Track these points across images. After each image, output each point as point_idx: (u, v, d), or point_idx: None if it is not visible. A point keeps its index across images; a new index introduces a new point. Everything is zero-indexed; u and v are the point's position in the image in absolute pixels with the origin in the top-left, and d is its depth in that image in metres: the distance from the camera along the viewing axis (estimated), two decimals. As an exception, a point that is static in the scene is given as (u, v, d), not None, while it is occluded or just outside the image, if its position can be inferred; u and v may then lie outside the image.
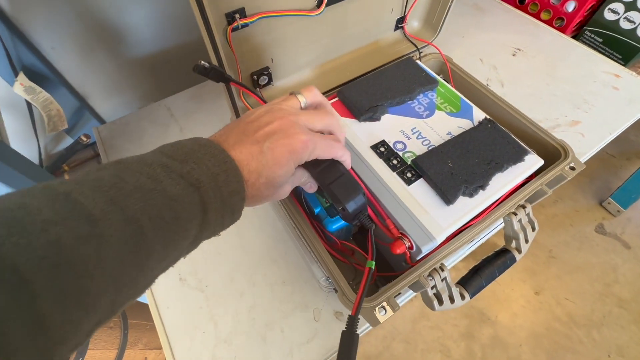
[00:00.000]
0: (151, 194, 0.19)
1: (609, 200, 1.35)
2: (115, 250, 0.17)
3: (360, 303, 0.30)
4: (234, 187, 0.23)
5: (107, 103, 0.86)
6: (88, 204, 0.17)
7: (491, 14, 0.79)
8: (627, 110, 0.62)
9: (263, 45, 0.40)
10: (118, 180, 0.19)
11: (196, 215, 0.21)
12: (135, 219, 0.18)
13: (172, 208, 0.20)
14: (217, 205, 0.22)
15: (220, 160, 0.23)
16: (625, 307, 1.17)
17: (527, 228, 0.42)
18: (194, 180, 0.21)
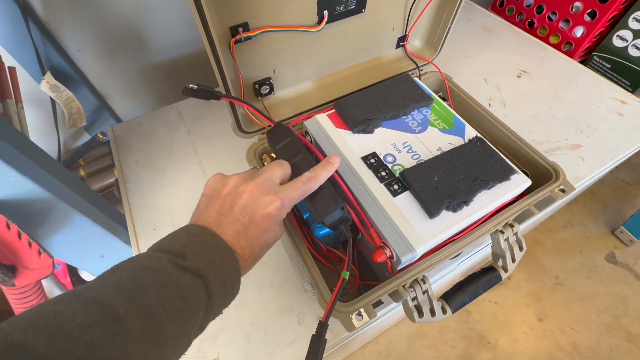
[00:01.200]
0: (164, 288, 0.22)
1: (622, 229, 1.30)
2: (138, 343, 0.19)
3: (330, 310, 0.31)
4: (230, 266, 0.26)
5: (124, 103, 0.91)
6: (113, 303, 0.19)
7: (499, 36, 0.80)
8: (631, 137, 0.61)
9: (265, 56, 0.42)
10: (135, 279, 0.22)
11: (202, 300, 0.24)
12: (153, 311, 0.20)
13: (182, 297, 0.22)
14: (218, 287, 0.25)
15: (213, 246, 0.25)
16: (635, 342, 1.11)
17: (515, 247, 0.42)
18: (195, 269, 0.24)
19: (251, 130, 0.45)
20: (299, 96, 0.49)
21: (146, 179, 0.59)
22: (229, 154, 0.61)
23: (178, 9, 0.78)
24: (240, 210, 0.27)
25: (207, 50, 0.33)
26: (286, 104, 0.48)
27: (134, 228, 0.53)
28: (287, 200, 0.28)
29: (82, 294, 0.20)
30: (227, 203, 0.28)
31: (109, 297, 0.20)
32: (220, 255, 0.25)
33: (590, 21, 0.72)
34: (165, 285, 0.22)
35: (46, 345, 0.16)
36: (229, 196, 0.28)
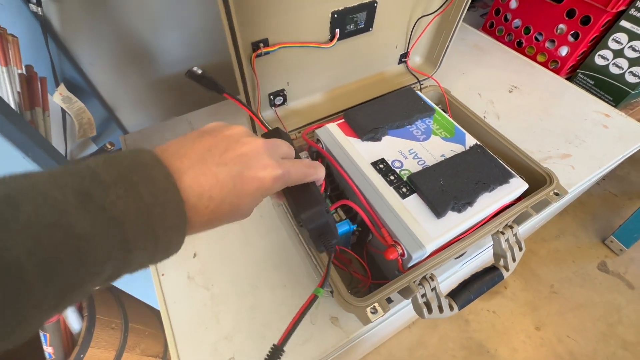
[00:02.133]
0: (47, 231, 0.15)
1: (612, 239, 1.35)
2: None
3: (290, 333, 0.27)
4: (172, 222, 0.20)
5: (132, 115, 0.93)
6: None
7: (490, 54, 0.86)
8: (616, 147, 0.65)
9: (281, 70, 0.46)
10: (8, 208, 0.15)
11: (113, 256, 0.18)
12: (18, 265, 0.14)
13: (77, 250, 0.16)
14: (145, 244, 0.19)
15: (160, 188, 0.19)
16: (630, 350, 1.14)
17: (515, 247, 0.45)
18: (117, 213, 0.17)
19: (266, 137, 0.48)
20: (310, 107, 0.52)
21: (159, 186, 0.60)
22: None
23: (190, 27, 0.82)
24: (234, 157, 0.23)
25: (233, 63, 0.36)
26: (298, 114, 0.51)
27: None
28: (287, 174, 0.25)
29: None
30: (223, 145, 0.23)
31: None
32: (163, 204, 0.19)
33: (574, 42, 0.78)
34: (50, 227, 0.15)
35: None
36: (228, 139, 0.24)
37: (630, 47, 0.73)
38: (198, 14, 0.80)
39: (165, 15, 0.78)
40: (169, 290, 0.48)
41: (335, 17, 0.42)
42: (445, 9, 0.50)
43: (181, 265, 0.51)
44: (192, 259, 0.51)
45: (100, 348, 0.71)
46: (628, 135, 0.68)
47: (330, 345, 0.43)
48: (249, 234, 0.53)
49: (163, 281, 0.49)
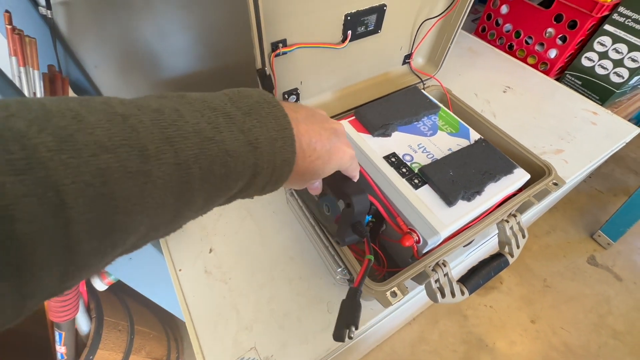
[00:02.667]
0: (209, 143, 0.18)
1: (599, 233, 1.41)
2: (159, 193, 0.16)
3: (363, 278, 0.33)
4: (288, 156, 0.22)
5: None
6: (144, 136, 0.16)
7: (484, 57, 0.90)
8: (604, 143, 0.70)
9: (295, 69, 0.48)
10: (178, 117, 0.17)
11: (244, 176, 0.20)
12: (187, 165, 0.17)
13: (225, 164, 0.19)
14: (267, 171, 0.21)
15: (281, 125, 0.22)
16: (620, 339, 1.18)
17: (518, 235, 0.47)
18: (253, 138, 0.20)
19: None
20: (321, 105, 0.54)
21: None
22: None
23: (196, 30, 0.83)
24: (331, 128, 0.26)
25: (256, 62, 0.38)
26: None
27: (162, 230, 0.55)
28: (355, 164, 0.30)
29: (115, 107, 0.16)
30: (320, 117, 0.27)
31: (143, 125, 0.16)
32: (284, 139, 0.22)
33: (562, 44, 0.82)
34: (210, 141, 0.18)
35: (50, 150, 0.13)
36: (322, 115, 0.28)
37: (614, 49, 0.78)
38: (203, 18, 0.82)
39: (171, 18, 0.79)
40: (187, 284, 0.49)
41: (348, 19, 0.45)
42: (448, 13, 0.53)
43: (198, 260, 0.52)
44: (209, 254, 0.52)
45: (108, 350, 0.71)
46: (615, 131, 0.72)
47: (347, 332, 0.45)
48: (263, 229, 0.55)
49: (181, 276, 0.50)
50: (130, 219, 0.15)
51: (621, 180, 1.65)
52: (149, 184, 0.15)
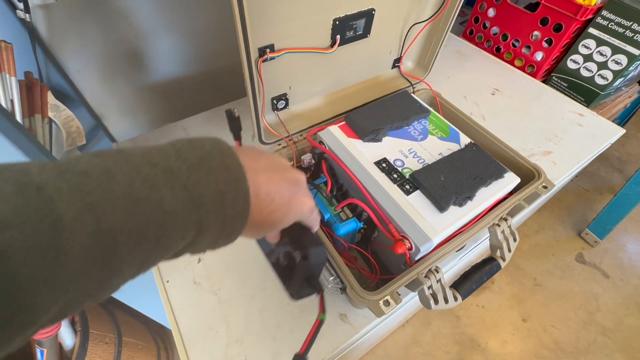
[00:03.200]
0: (141, 205, 0.16)
1: (587, 231, 1.43)
2: (75, 266, 0.15)
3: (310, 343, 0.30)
4: (240, 209, 0.21)
5: (120, 124, 0.91)
6: (60, 205, 0.14)
7: (472, 59, 0.91)
8: (591, 144, 0.71)
9: (284, 74, 0.47)
10: (107, 179, 0.16)
11: (187, 235, 0.19)
12: (112, 233, 0.15)
13: (161, 225, 0.17)
14: (215, 227, 0.20)
15: (234, 177, 0.20)
16: (608, 336, 1.20)
17: (510, 238, 0.48)
18: (197, 195, 0.19)
19: (270, 141, 0.49)
20: (310, 110, 0.53)
21: (157, 193, 0.60)
22: (237, 167, 0.64)
23: (180, 33, 0.81)
24: (292, 179, 0.26)
25: (244, 68, 0.37)
26: (299, 117, 0.52)
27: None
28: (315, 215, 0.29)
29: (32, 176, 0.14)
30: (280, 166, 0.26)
31: (59, 192, 0.14)
32: (235, 191, 0.20)
33: (548, 47, 0.84)
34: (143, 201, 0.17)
35: None
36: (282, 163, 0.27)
37: (598, 52, 0.79)
38: (187, 20, 0.80)
39: (154, 21, 0.77)
40: (175, 296, 0.48)
41: (336, 24, 0.44)
42: (437, 17, 0.53)
43: (186, 271, 0.50)
44: (197, 265, 0.51)
45: (94, 363, 0.68)
46: (600, 132, 0.73)
47: (340, 341, 0.44)
48: (253, 237, 0.54)
49: (168, 288, 0.49)
50: (40, 299, 0.14)
51: (606, 179, 1.69)
52: (61, 258, 0.14)
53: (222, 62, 0.91)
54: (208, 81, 0.93)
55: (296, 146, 0.51)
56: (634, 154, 1.81)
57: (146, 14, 0.75)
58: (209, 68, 0.91)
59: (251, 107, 0.43)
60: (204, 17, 0.82)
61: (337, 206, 0.44)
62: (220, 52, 0.89)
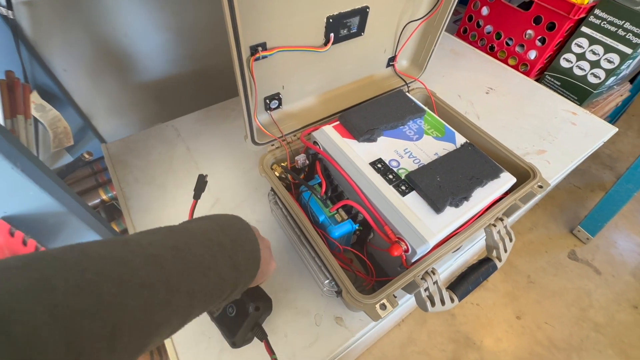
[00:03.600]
0: (209, 272, 0.23)
1: (579, 229, 1.45)
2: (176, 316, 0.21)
3: None
4: (254, 270, 0.29)
5: (109, 123, 0.89)
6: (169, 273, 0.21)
7: (466, 58, 0.91)
8: (584, 142, 0.71)
9: (276, 74, 0.46)
10: (188, 252, 0.23)
11: (227, 292, 0.26)
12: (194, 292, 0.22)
13: (219, 287, 0.24)
14: (242, 285, 0.28)
15: (254, 248, 0.29)
16: (601, 332, 1.22)
17: (505, 239, 0.47)
18: (237, 263, 0.26)
19: (262, 141, 0.48)
20: (304, 110, 0.52)
21: (147, 195, 0.58)
22: (230, 167, 0.63)
23: (169, 32, 0.80)
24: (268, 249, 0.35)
25: (235, 67, 0.36)
26: (293, 117, 0.51)
27: (139, 244, 0.52)
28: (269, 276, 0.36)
29: (146, 248, 0.21)
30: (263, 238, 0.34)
31: (167, 263, 0.21)
32: (254, 259, 0.29)
33: (541, 46, 0.84)
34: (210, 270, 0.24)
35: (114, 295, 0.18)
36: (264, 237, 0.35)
37: (591, 50, 0.79)
38: (176, 18, 0.79)
39: (142, 19, 0.76)
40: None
41: (330, 22, 0.43)
42: (432, 15, 0.52)
43: (178, 275, 0.49)
44: (189, 268, 0.50)
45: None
46: (594, 131, 0.74)
47: (336, 345, 0.44)
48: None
49: (159, 293, 0.47)
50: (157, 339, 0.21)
51: (597, 176, 1.71)
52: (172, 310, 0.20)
53: (213, 61, 0.90)
54: (199, 80, 0.92)
55: (290, 146, 0.50)
56: (625, 151, 1.84)
57: (134, 11, 0.74)
58: (199, 67, 0.90)
59: (243, 108, 0.42)
60: (194, 14, 0.80)
61: (332, 208, 0.44)
62: (210, 51, 0.88)
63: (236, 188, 0.59)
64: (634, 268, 1.39)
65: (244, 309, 0.39)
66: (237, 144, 0.67)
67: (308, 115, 0.53)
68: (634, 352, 1.17)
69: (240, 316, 0.38)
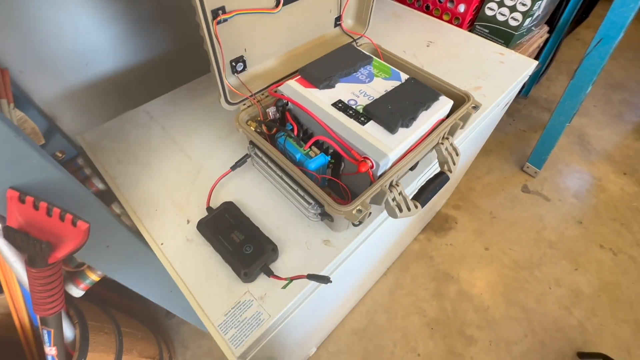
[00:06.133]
0: None
1: (527, 165, 1.63)
2: None
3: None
4: None
5: (74, 122, 0.90)
6: None
7: (406, 19, 1.00)
8: (512, 76, 0.83)
9: (237, 37, 0.51)
10: None
11: None
12: None
13: None
14: None
15: None
16: (555, 248, 1.40)
17: (453, 154, 0.57)
18: None
19: (235, 101, 0.54)
20: (267, 71, 0.58)
21: (133, 172, 0.62)
22: (207, 138, 0.67)
23: (119, 24, 0.81)
24: None
25: (202, 31, 0.41)
26: (258, 78, 0.57)
27: (135, 214, 0.56)
28: None
29: None
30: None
31: None
32: None
33: (468, -1, 0.94)
34: None
35: None
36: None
37: (508, -3, 0.91)
38: (126, 9, 0.80)
39: (91, 12, 0.76)
40: (172, 254, 0.52)
41: (278, -16, 0.49)
42: (365, -27, 0.60)
43: (177, 233, 0.54)
44: (187, 225, 0.55)
45: (98, 352, 0.70)
46: (519, 66, 0.86)
47: (327, 260, 0.51)
48: (236, 193, 0.58)
49: (164, 249, 0.52)
50: None
51: (538, 119, 1.91)
52: None
53: (170, 46, 0.92)
54: (157, 67, 0.94)
55: (260, 104, 0.56)
56: (558, 94, 2.05)
57: (81, 4, 0.74)
58: (157, 54, 0.92)
59: (214, 69, 0.48)
60: (147, 3, 0.82)
61: (305, 146, 0.51)
62: (166, 38, 0.90)
63: (216, 154, 0.65)
64: (576, 190, 1.59)
65: (261, 248, 0.48)
66: (209, 117, 0.71)
67: (271, 74, 0.59)
68: (582, 258, 1.37)
69: (257, 253, 0.48)
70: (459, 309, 1.24)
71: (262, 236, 0.50)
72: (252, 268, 0.47)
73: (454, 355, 1.15)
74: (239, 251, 0.48)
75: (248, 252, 0.48)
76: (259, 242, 0.49)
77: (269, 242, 0.50)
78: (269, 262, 0.49)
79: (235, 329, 0.45)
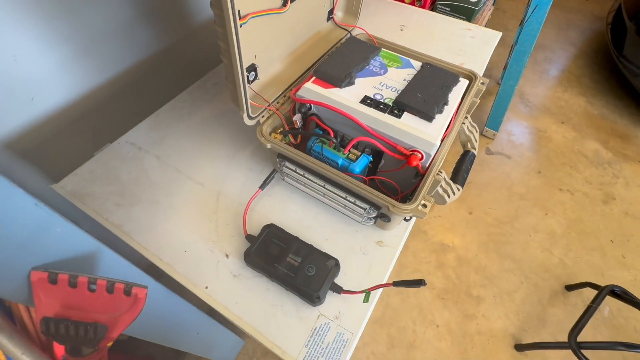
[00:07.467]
0: None
1: (486, 129, 1.76)
2: None
3: None
4: None
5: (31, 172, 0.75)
6: None
7: (372, 6, 1.00)
8: (486, 48, 0.88)
9: (250, 43, 0.46)
10: None
11: None
12: None
13: None
14: None
15: None
16: (525, 199, 1.55)
17: (473, 131, 0.58)
18: None
19: (255, 114, 0.49)
20: (276, 76, 0.54)
21: (141, 214, 0.54)
22: (214, 160, 0.61)
23: (64, 47, 0.69)
24: None
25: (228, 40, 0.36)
26: (270, 85, 0.53)
27: (161, 260, 0.49)
28: None
29: None
30: None
31: None
32: None
33: (427, -20, 0.97)
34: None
35: None
36: None
37: (464, -25, 0.96)
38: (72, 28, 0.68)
39: (30, 37, 0.64)
40: (223, 296, 0.46)
41: (285, -19, 0.45)
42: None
43: (220, 270, 0.48)
44: (227, 260, 0.49)
45: None
46: (488, 39, 0.91)
47: (388, 261, 0.50)
48: (270, 214, 0.54)
49: (211, 293, 0.46)
50: None
51: (490, 85, 2.07)
52: None
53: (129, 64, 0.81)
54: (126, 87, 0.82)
55: (281, 110, 0.52)
56: (496, 61, 2.25)
57: (17, 27, 0.62)
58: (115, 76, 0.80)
59: (239, 83, 0.43)
60: (96, 20, 0.70)
61: (344, 149, 0.48)
62: (124, 56, 0.79)
63: (230, 175, 0.59)
64: (529, 145, 1.77)
65: (324, 266, 0.45)
66: (209, 136, 0.64)
67: (281, 80, 0.54)
68: (548, 203, 1.53)
69: (321, 272, 0.45)
70: (461, 274, 1.32)
71: (319, 253, 0.47)
72: (323, 289, 0.44)
73: (468, 317, 1.22)
74: (302, 274, 0.45)
75: (311, 273, 0.45)
76: (319, 261, 0.46)
77: (329, 258, 0.47)
78: (334, 279, 0.46)
79: (324, 358, 0.42)
